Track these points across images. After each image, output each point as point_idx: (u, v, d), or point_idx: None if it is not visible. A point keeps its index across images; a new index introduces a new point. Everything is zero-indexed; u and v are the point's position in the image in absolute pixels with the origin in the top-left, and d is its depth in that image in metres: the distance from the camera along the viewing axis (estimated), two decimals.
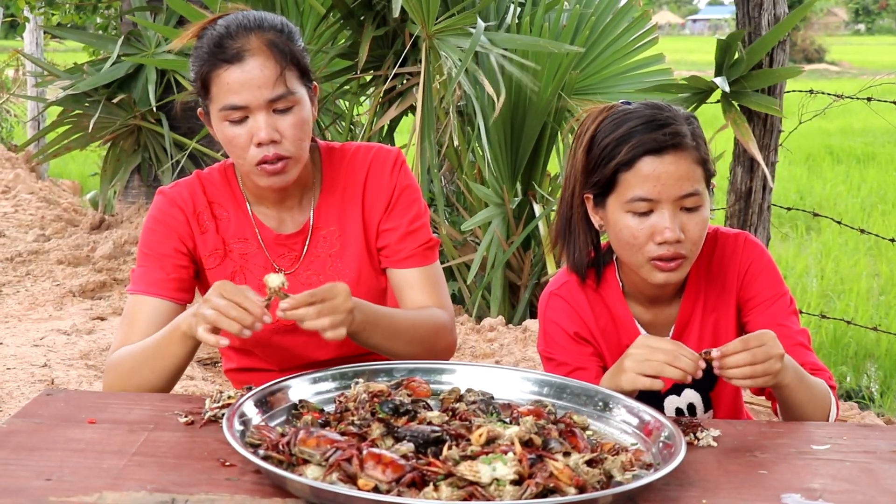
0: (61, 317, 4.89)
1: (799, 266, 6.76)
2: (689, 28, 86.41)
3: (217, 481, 1.45)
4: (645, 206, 1.87)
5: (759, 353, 1.69)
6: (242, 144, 1.96)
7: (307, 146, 2.02)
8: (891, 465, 1.59)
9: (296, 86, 1.97)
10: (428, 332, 2.06)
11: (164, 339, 1.89)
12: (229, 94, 1.93)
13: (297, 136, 1.97)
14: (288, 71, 1.95)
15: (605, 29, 5.08)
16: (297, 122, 1.96)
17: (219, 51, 1.93)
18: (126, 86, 6.18)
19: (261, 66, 1.92)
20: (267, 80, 1.92)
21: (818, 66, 33.32)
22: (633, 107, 1.95)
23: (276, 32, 1.97)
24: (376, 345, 1.99)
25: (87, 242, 6.23)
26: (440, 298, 2.15)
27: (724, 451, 1.64)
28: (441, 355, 2.11)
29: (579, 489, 1.36)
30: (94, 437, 1.62)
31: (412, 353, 2.03)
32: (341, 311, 1.77)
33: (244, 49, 1.92)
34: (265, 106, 1.93)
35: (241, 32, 1.94)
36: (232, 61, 1.92)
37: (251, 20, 1.97)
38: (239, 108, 1.93)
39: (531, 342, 4.35)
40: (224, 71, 1.93)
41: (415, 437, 1.48)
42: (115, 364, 1.97)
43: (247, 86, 1.92)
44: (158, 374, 1.91)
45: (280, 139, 1.95)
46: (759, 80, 3.78)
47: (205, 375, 4.15)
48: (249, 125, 1.94)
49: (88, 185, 9.81)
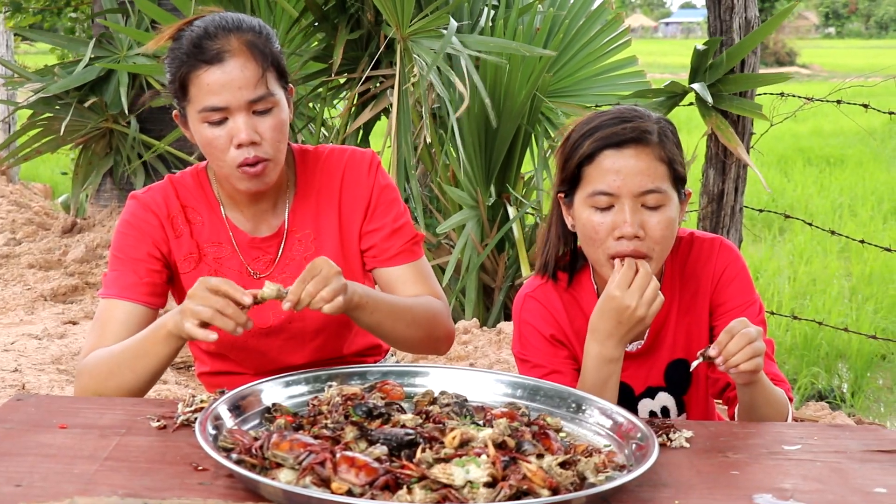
0: (32, 321, 4.85)
1: (771, 267, 6.81)
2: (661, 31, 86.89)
3: (190, 486, 1.45)
4: (605, 200, 1.87)
5: (748, 334, 1.72)
6: (222, 146, 1.95)
7: (285, 148, 2.02)
8: (861, 464, 1.61)
9: (275, 87, 1.96)
10: (427, 317, 2.07)
11: (147, 339, 1.88)
12: (209, 95, 1.91)
13: (276, 138, 1.96)
14: (268, 72, 1.94)
15: (578, 32, 5.10)
16: (277, 125, 1.96)
17: (198, 51, 1.91)
18: (97, 89, 6.14)
19: (241, 66, 1.91)
20: (247, 80, 1.91)
21: (789, 69, 33.57)
22: (608, 108, 1.96)
23: (255, 34, 1.96)
24: (379, 323, 1.98)
25: (58, 246, 6.18)
26: (433, 288, 2.16)
27: (696, 451, 1.65)
28: (441, 342, 2.13)
29: (552, 491, 1.37)
30: (66, 442, 1.61)
31: (414, 336, 2.04)
32: (331, 278, 1.78)
33: (224, 50, 1.91)
34: (245, 107, 1.92)
35: (221, 33, 1.92)
36: (212, 62, 1.91)
37: (230, 21, 1.96)
38: (219, 109, 1.92)
39: (505, 344, 4.36)
40: (203, 72, 1.91)
41: (388, 440, 1.48)
42: (90, 367, 1.95)
43: (227, 87, 1.91)
44: (139, 374, 1.90)
45: (260, 141, 1.94)
46: (737, 85, 3.81)
47: (178, 379, 4.12)
48: (229, 126, 1.93)
49: (60, 188, 9.73)
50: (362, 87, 5.00)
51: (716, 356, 1.73)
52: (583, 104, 4.96)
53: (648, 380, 2.06)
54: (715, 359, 1.73)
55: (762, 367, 1.76)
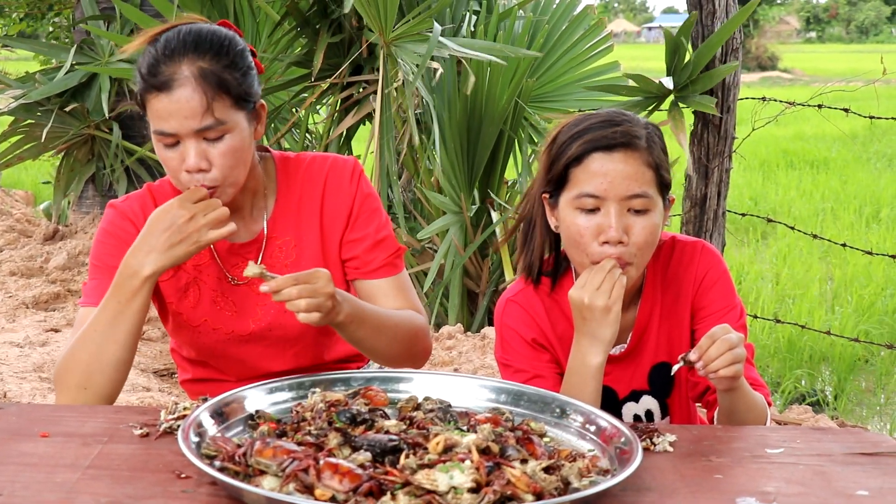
0: (14, 329, 4.82)
1: (753, 271, 6.83)
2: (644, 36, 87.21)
3: (173, 493, 1.44)
4: (592, 202, 1.87)
5: (729, 340, 1.73)
6: (175, 167, 1.94)
7: (242, 171, 1.98)
8: (844, 467, 1.61)
9: (228, 114, 1.92)
10: (409, 334, 2.08)
11: (119, 300, 1.90)
12: (160, 120, 1.90)
13: (226, 164, 1.93)
14: (217, 101, 1.90)
15: (560, 37, 5.12)
16: (228, 151, 1.92)
17: (150, 77, 1.90)
18: (79, 95, 6.11)
19: (188, 96, 1.88)
20: (193, 111, 1.88)
21: (771, 73, 33.75)
22: (596, 111, 1.97)
23: (212, 57, 1.91)
24: (361, 339, 1.99)
25: (40, 253, 6.14)
26: (413, 303, 2.16)
27: (680, 455, 1.65)
28: (418, 358, 2.13)
29: (536, 496, 1.37)
30: (47, 450, 1.60)
31: (393, 352, 2.05)
32: (320, 294, 1.78)
33: (172, 78, 1.88)
34: (193, 135, 1.90)
35: (174, 58, 1.89)
36: (161, 89, 1.88)
37: (187, 43, 1.91)
38: (169, 134, 1.91)
39: (489, 349, 4.36)
40: (154, 98, 1.90)
41: (372, 446, 1.47)
42: (66, 365, 1.93)
43: (175, 115, 1.88)
44: (123, 342, 1.91)
45: (209, 168, 1.92)
46: (704, 83, 3.81)
47: (161, 387, 4.11)
48: (181, 150, 1.92)
49: (42, 195, 9.69)
50: (345, 93, 5.00)
51: (696, 361, 1.74)
52: (565, 109, 4.98)
53: (632, 383, 2.06)
54: (695, 363, 1.74)
55: (742, 373, 1.77)
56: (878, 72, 3.95)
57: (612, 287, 1.84)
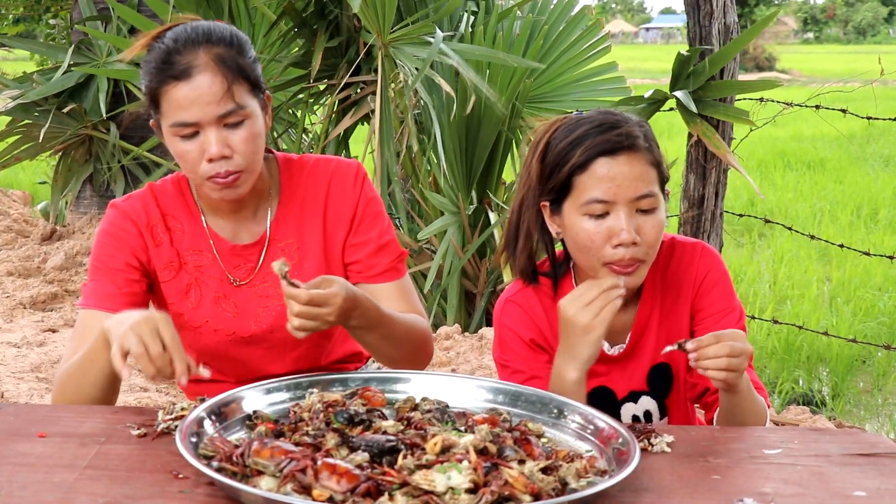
0: (11, 329, 4.82)
1: (751, 272, 6.83)
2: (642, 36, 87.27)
3: (170, 494, 1.44)
4: (601, 207, 1.87)
5: (732, 347, 1.72)
6: (194, 160, 1.94)
7: (260, 158, 2.00)
8: (841, 468, 1.61)
9: (246, 99, 1.94)
10: (416, 339, 2.09)
11: (93, 346, 1.87)
12: (179, 110, 1.90)
13: (248, 149, 1.95)
14: (236, 85, 1.92)
15: (558, 38, 5.11)
16: (249, 136, 1.94)
17: (167, 67, 1.90)
18: (77, 95, 6.11)
19: (209, 82, 1.89)
20: (215, 95, 1.89)
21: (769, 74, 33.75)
22: (585, 114, 1.96)
23: (225, 45, 1.94)
24: (368, 343, 2.00)
25: (38, 253, 6.14)
26: (416, 306, 2.16)
27: (677, 456, 1.65)
28: (421, 362, 2.14)
29: (534, 497, 1.37)
30: (45, 450, 1.60)
31: (397, 354, 2.05)
32: (319, 320, 1.78)
33: (192, 65, 1.89)
34: (215, 122, 1.91)
35: (189, 47, 1.91)
36: (180, 78, 1.89)
37: (199, 34, 1.93)
38: (189, 124, 1.91)
39: (487, 350, 4.36)
40: (172, 88, 1.90)
41: (370, 446, 1.47)
42: (59, 379, 1.95)
43: (196, 102, 1.89)
44: (93, 382, 1.88)
45: (231, 154, 1.93)
46: (720, 91, 3.82)
47: (158, 387, 4.10)
48: (200, 140, 1.92)
49: (39, 195, 9.68)
50: (342, 94, 4.99)
51: (691, 350, 1.73)
52: (563, 110, 4.97)
53: (631, 384, 2.06)
54: (689, 352, 1.74)
55: (734, 384, 1.77)
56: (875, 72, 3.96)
57: (603, 307, 1.83)
